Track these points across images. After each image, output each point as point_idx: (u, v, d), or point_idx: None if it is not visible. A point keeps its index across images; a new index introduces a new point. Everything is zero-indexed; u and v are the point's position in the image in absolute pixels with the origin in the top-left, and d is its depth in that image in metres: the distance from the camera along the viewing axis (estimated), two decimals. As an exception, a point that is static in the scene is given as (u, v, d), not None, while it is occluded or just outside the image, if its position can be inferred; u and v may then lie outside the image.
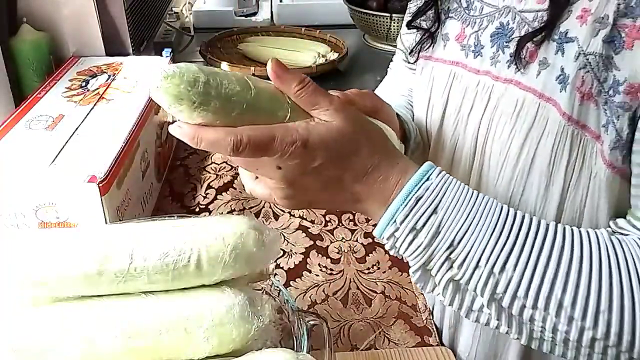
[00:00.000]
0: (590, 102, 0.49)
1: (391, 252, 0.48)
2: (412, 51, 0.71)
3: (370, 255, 0.82)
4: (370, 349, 0.67)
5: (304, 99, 0.46)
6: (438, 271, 0.46)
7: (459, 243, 0.45)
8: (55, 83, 0.89)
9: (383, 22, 1.51)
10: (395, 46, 1.57)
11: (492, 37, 0.59)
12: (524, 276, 0.44)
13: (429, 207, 0.45)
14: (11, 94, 0.93)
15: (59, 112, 0.79)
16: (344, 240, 0.85)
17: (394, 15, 1.49)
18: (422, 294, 0.75)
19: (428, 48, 0.69)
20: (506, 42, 0.57)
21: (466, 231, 0.45)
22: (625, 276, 0.43)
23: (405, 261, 0.81)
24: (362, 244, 0.84)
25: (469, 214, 0.45)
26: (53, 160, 0.68)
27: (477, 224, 0.45)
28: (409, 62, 0.75)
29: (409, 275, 0.78)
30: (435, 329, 0.70)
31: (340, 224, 0.88)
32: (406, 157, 0.50)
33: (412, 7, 0.74)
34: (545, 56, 0.52)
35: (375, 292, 0.75)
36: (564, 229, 0.46)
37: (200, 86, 0.41)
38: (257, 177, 0.51)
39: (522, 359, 0.64)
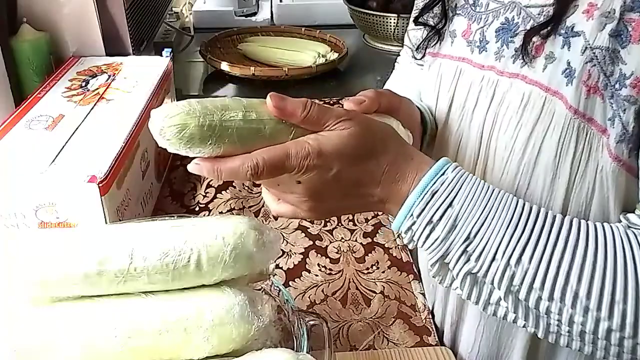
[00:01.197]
0: (597, 96, 0.49)
1: (409, 246, 0.50)
2: (418, 47, 0.72)
3: (369, 255, 0.82)
4: (370, 349, 0.67)
5: (312, 121, 0.47)
6: (455, 264, 0.47)
7: (475, 236, 0.45)
8: (55, 83, 0.89)
9: (383, 22, 1.51)
10: (395, 46, 1.58)
11: (497, 33, 0.59)
12: (540, 268, 0.44)
13: (445, 200, 0.46)
14: (11, 94, 0.93)
15: (59, 112, 0.79)
16: (343, 240, 0.85)
17: (394, 15, 1.49)
18: (421, 293, 0.75)
19: (435, 45, 0.69)
20: (511, 37, 0.58)
21: (482, 224, 0.45)
22: None
23: (405, 261, 0.82)
24: (361, 244, 0.84)
25: (485, 207, 0.46)
26: (53, 160, 0.68)
27: (493, 217, 0.46)
28: (415, 58, 0.75)
29: (408, 275, 0.78)
30: (434, 329, 0.70)
31: (340, 224, 0.88)
32: (420, 152, 0.51)
33: (419, 3, 0.74)
34: (551, 50, 0.53)
35: (375, 292, 0.75)
36: (579, 222, 0.47)
37: (205, 125, 0.43)
38: (279, 199, 0.52)
39: (527, 357, 0.64)
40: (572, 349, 0.47)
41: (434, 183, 0.47)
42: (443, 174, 0.47)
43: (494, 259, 0.45)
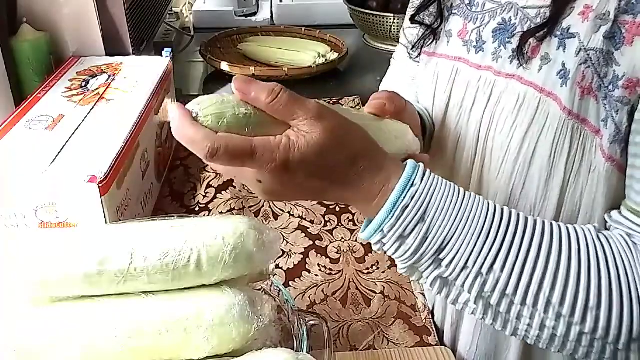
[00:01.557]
0: (591, 97, 0.50)
1: (378, 252, 0.48)
2: (414, 46, 0.72)
3: (369, 255, 0.82)
4: (370, 349, 0.67)
5: (279, 111, 0.43)
6: (426, 270, 0.47)
7: (446, 246, 0.45)
8: (55, 83, 0.89)
9: (383, 22, 1.51)
10: (395, 46, 1.57)
11: (494, 33, 0.60)
12: (512, 275, 0.44)
13: (415, 215, 0.45)
14: (11, 94, 0.93)
15: (59, 112, 0.79)
16: (343, 240, 0.85)
17: (394, 15, 1.49)
18: (421, 293, 0.75)
19: (430, 44, 0.69)
20: (508, 38, 0.58)
21: (454, 234, 0.45)
22: (614, 272, 0.44)
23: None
24: (361, 244, 0.84)
25: (456, 217, 0.45)
26: (53, 160, 0.68)
27: (464, 226, 0.45)
28: (411, 57, 0.75)
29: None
30: (434, 329, 0.70)
31: (340, 224, 0.88)
32: (390, 157, 0.48)
33: (415, 2, 0.74)
34: (547, 51, 0.53)
35: (375, 292, 0.75)
36: (551, 226, 0.47)
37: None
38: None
39: (523, 355, 0.64)
40: (539, 346, 0.47)
41: (404, 197, 0.45)
42: (412, 185, 0.45)
43: (464, 266, 0.45)
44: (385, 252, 0.48)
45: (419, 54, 0.72)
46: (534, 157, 0.54)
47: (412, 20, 0.71)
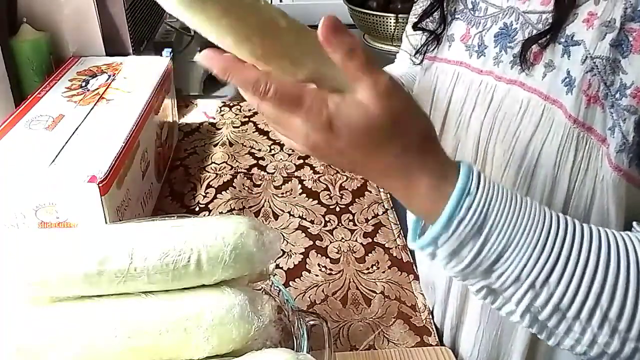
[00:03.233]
0: (597, 105, 0.49)
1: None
2: (417, 52, 0.72)
3: (369, 255, 0.82)
4: (370, 349, 0.67)
5: (349, 69, 0.41)
6: (474, 279, 0.44)
7: (500, 258, 0.42)
8: (55, 83, 0.89)
9: (383, 22, 1.51)
10: (395, 46, 1.57)
11: (495, 38, 0.59)
12: (569, 290, 0.41)
13: (472, 228, 0.41)
14: (11, 94, 0.93)
15: (59, 112, 0.79)
16: (343, 240, 0.85)
17: (394, 15, 1.49)
18: (421, 293, 0.75)
19: (434, 49, 0.69)
20: (509, 43, 0.57)
21: (510, 246, 0.42)
22: None
23: (405, 261, 0.82)
24: (361, 244, 0.84)
25: (513, 228, 0.42)
26: (53, 160, 0.68)
27: (521, 237, 0.42)
28: (414, 63, 0.75)
29: (408, 275, 0.78)
30: (434, 329, 0.70)
31: (340, 224, 0.88)
32: (444, 154, 0.44)
33: (417, 9, 0.74)
34: (551, 58, 0.53)
35: (375, 292, 0.75)
36: (607, 235, 0.43)
37: None
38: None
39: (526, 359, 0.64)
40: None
41: (460, 209, 0.41)
42: (469, 193, 0.42)
43: (516, 279, 0.42)
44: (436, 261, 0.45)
45: (422, 60, 0.71)
46: (537, 164, 0.53)
47: (415, 27, 0.71)
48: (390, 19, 1.49)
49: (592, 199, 0.52)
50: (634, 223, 0.49)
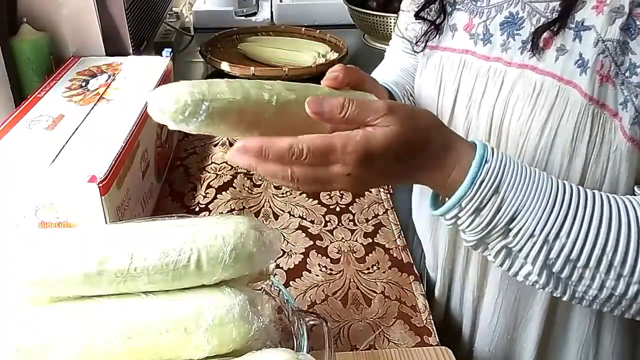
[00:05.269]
0: (609, 84, 0.53)
1: (449, 227, 0.54)
2: (418, 41, 0.73)
3: (370, 255, 0.82)
4: (370, 349, 0.67)
5: (353, 120, 0.47)
6: (494, 241, 0.50)
7: (517, 216, 0.48)
8: (55, 83, 0.89)
9: (383, 22, 1.51)
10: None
11: (501, 26, 0.61)
12: (577, 241, 0.47)
13: (491, 188, 0.48)
14: (11, 94, 0.93)
15: (59, 112, 0.79)
16: (343, 240, 0.85)
17: (394, 15, 1.49)
18: (422, 294, 0.75)
19: (434, 38, 0.70)
20: (516, 30, 0.60)
21: (524, 205, 0.48)
22: None
23: (405, 262, 0.82)
24: (361, 244, 0.84)
25: (526, 190, 0.48)
26: (53, 160, 0.68)
27: (534, 197, 0.48)
28: (414, 52, 0.76)
29: (409, 275, 0.78)
30: (434, 329, 0.70)
31: (340, 224, 0.88)
32: (458, 136, 0.52)
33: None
34: (562, 43, 0.56)
35: (375, 292, 0.75)
36: (608, 197, 0.50)
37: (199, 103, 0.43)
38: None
39: (544, 325, 0.67)
40: (591, 308, 0.51)
41: (481, 173, 0.48)
42: (486, 161, 0.49)
43: (531, 235, 0.48)
44: (455, 228, 0.52)
45: (423, 49, 0.72)
46: (554, 142, 0.57)
47: (417, 16, 0.72)
48: (390, 19, 1.49)
49: (607, 167, 0.56)
50: (635, 187, 0.55)
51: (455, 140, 0.51)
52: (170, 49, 1.03)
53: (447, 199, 0.51)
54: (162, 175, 0.95)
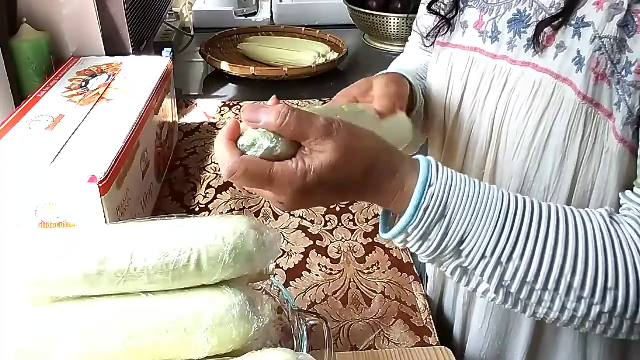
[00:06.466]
0: (604, 82, 0.52)
1: (398, 246, 0.52)
2: (428, 35, 0.73)
3: (370, 255, 0.82)
4: (370, 349, 0.67)
5: (290, 132, 0.45)
6: (447, 261, 0.49)
7: (466, 238, 0.46)
8: (55, 83, 0.89)
9: (383, 22, 1.51)
10: (395, 46, 1.58)
11: (509, 24, 0.62)
12: (532, 263, 0.46)
13: (437, 213, 0.46)
14: (11, 94, 0.93)
15: (59, 112, 0.79)
16: (343, 240, 0.85)
17: (394, 15, 1.49)
18: (422, 294, 0.75)
19: (445, 34, 0.71)
20: (523, 28, 0.60)
21: (473, 226, 0.46)
22: (629, 255, 0.46)
23: (405, 262, 0.82)
24: (361, 244, 0.84)
25: (474, 210, 0.46)
26: (53, 160, 0.68)
27: (482, 217, 0.46)
28: (425, 46, 0.76)
29: (409, 276, 0.78)
30: (434, 329, 0.70)
31: (340, 224, 0.88)
32: (403, 158, 0.49)
33: None
34: (562, 40, 0.56)
35: (375, 292, 0.75)
36: (565, 212, 0.48)
37: None
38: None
39: (534, 330, 0.66)
40: (557, 325, 0.50)
41: (424, 199, 0.46)
42: (430, 185, 0.47)
43: (483, 256, 0.46)
44: (409, 249, 0.50)
45: (433, 44, 0.73)
46: (548, 140, 0.56)
47: (429, 9, 0.72)
48: (390, 19, 1.49)
49: (598, 170, 0.55)
50: (620, 194, 0.54)
51: (400, 164, 0.48)
52: (170, 49, 1.03)
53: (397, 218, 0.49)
54: (162, 176, 0.95)
